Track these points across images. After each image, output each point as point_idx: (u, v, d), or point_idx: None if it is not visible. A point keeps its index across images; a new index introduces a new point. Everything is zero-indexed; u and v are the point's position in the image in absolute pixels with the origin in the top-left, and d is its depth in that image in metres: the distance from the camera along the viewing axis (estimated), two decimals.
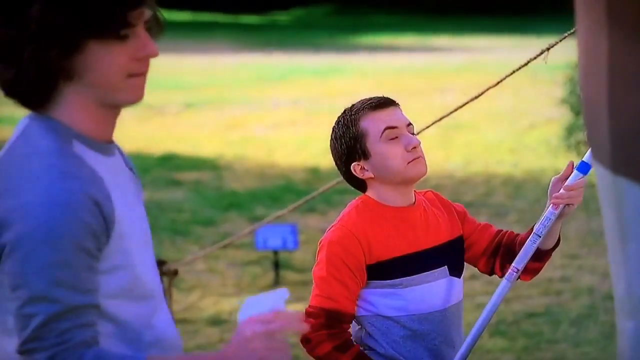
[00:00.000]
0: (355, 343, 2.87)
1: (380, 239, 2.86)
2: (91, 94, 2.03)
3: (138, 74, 2.05)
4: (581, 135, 10.59)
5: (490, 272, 3.08)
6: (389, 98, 2.94)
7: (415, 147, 2.87)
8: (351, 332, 2.91)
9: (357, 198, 2.97)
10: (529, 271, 3.00)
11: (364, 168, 2.90)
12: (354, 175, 2.92)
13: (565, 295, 6.66)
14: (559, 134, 11.32)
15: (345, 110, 2.95)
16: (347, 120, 2.91)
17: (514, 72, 3.42)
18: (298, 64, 19.97)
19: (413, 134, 2.93)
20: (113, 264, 2.02)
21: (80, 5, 1.95)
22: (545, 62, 3.34)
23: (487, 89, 3.51)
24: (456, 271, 2.95)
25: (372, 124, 2.88)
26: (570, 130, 11.01)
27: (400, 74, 17.74)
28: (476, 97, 3.55)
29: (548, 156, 11.05)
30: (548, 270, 7.22)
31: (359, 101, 2.94)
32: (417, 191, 3.00)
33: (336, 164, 2.97)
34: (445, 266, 2.92)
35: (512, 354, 5.64)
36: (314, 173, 10.49)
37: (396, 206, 2.92)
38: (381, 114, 2.89)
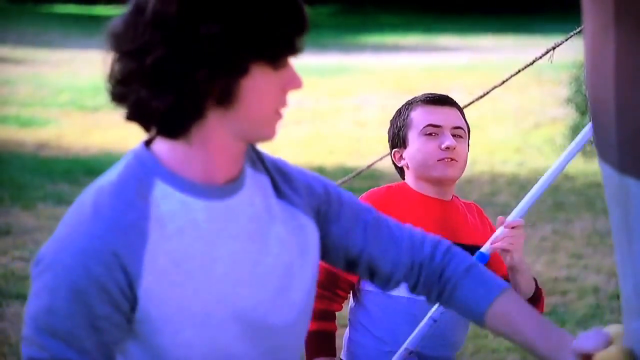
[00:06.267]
0: (335, 324, 2.88)
1: (405, 217, 2.83)
2: (233, 127, 1.79)
3: (281, 110, 1.83)
4: None
5: None
6: (448, 98, 3.01)
7: (449, 148, 2.90)
8: (350, 309, 2.93)
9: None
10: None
11: (402, 156, 2.99)
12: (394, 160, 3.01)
13: (570, 295, 6.65)
14: (564, 134, 11.32)
15: (410, 99, 3.03)
16: (403, 108, 3.00)
17: (519, 71, 3.41)
18: (303, 64, 19.96)
19: (460, 136, 2.95)
20: (137, 333, 1.80)
21: (259, 23, 1.75)
22: (551, 62, 3.34)
23: (493, 89, 3.50)
24: None
25: (418, 117, 2.95)
26: (575, 130, 11.01)
27: (406, 73, 17.72)
28: (481, 97, 3.54)
29: (553, 156, 11.04)
30: (553, 270, 7.25)
31: (423, 93, 3.02)
32: (459, 198, 3.01)
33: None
34: None
35: (518, 354, 5.64)
36: (320, 173, 10.40)
37: (430, 196, 2.95)
38: (431, 110, 2.95)
